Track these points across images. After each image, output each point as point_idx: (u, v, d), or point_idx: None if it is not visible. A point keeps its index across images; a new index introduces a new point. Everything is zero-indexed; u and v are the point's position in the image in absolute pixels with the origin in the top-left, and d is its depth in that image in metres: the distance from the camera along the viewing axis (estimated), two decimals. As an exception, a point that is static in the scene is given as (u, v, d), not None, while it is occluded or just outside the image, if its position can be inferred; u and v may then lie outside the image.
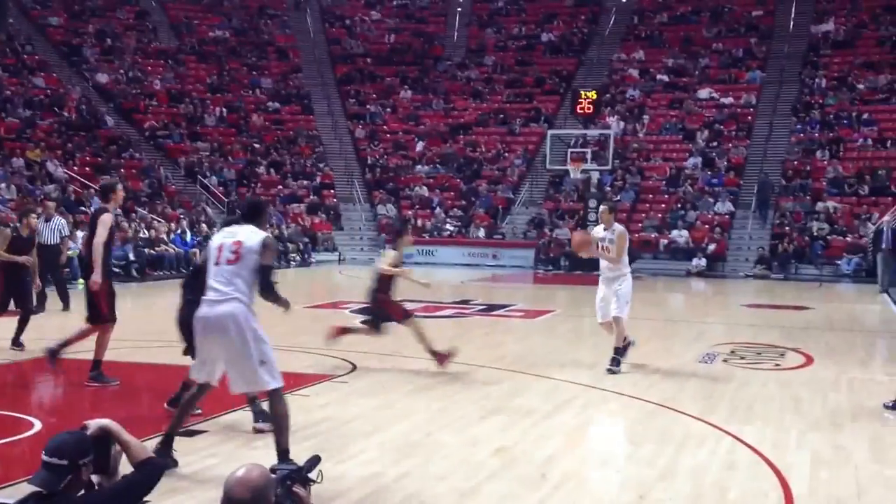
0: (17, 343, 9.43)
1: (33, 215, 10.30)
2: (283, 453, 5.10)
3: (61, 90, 27.55)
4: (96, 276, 7.63)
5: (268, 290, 5.19)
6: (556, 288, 20.54)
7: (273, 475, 2.97)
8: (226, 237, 5.25)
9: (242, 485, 2.74)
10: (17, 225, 9.90)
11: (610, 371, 8.71)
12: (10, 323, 9.93)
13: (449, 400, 7.39)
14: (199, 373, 5.30)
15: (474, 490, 5.15)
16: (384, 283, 8.91)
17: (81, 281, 16.74)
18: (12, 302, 9.74)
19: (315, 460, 3.08)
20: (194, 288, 5.67)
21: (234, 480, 2.76)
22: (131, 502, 3.17)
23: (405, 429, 6.46)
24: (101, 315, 7.81)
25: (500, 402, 7.47)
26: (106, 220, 7.71)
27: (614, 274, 8.93)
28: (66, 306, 12.86)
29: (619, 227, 9.02)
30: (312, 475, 2.97)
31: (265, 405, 5.65)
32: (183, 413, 5.45)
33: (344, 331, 9.35)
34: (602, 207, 9.47)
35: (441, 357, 8.64)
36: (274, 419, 5.24)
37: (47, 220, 12.77)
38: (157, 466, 3.27)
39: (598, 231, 9.12)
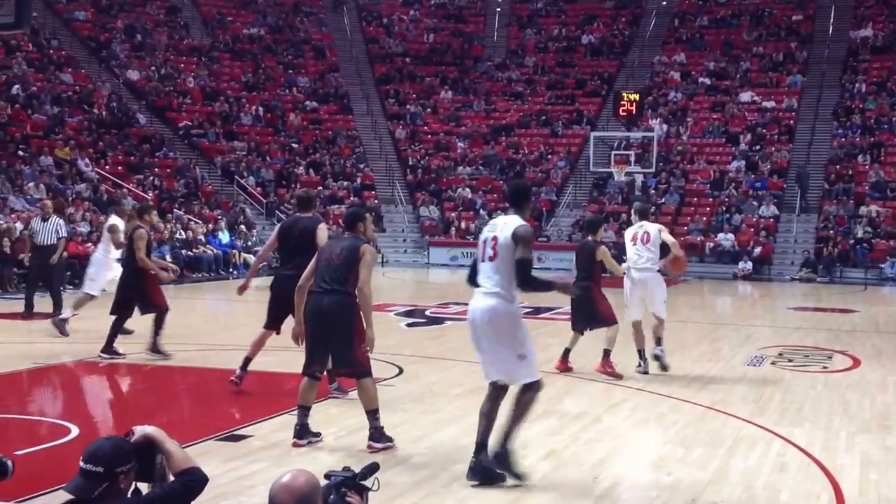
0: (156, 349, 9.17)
1: (154, 212, 10.05)
2: (505, 441, 5.31)
3: (90, 87, 27.11)
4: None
5: (525, 284, 5.28)
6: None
7: (327, 481, 2.91)
8: (488, 231, 5.48)
9: (287, 491, 2.67)
10: (139, 223, 9.39)
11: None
12: (46, 325, 10.06)
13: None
14: (488, 374, 5.43)
15: (525, 494, 5.12)
16: None
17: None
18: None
19: (373, 467, 2.98)
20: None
21: (279, 486, 2.69)
22: None
23: (454, 433, 6.43)
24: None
25: (549, 405, 7.41)
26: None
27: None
28: (57, 310, 11.91)
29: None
30: (368, 483, 2.89)
31: (381, 423, 5.90)
32: (516, 417, 5.39)
33: None
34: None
35: None
36: (517, 408, 5.36)
37: (44, 219, 12.27)
38: (199, 477, 3.12)
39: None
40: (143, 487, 3.21)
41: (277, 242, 7.63)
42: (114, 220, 10.58)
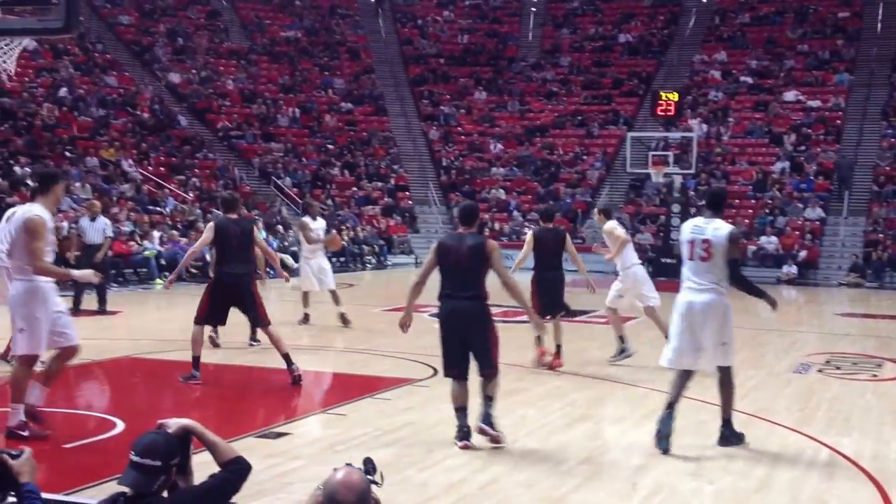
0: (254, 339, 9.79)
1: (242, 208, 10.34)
2: (726, 421, 6.26)
3: (134, 89, 27.70)
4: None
5: (738, 282, 6.21)
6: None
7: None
8: (694, 233, 6.18)
9: (346, 487, 2.72)
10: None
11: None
12: (90, 322, 10.15)
13: (533, 406, 7.25)
14: (681, 360, 6.20)
15: (562, 499, 5.03)
16: None
17: (159, 281, 17.19)
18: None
19: (370, 462, 2.98)
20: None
21: (337, 483, 2.73)
22: (220, 501, 3.14)
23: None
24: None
25: (586, 409, 7.31)
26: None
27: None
28: (102, 307, 12.54)
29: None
30: (375, 478, 2.90)
31: (493, 411, 6.09)
32: (727, 398, 6.30)
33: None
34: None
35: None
36: (725, 388, 6.30)
37: (92, 219, 12.71)
38: (244, 465, 3.22)
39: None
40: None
41: (215, 242, 8.14)
42: (304, 219, 11.77)
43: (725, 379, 6.22)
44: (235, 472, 3.18)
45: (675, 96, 26.11)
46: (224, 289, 7.95)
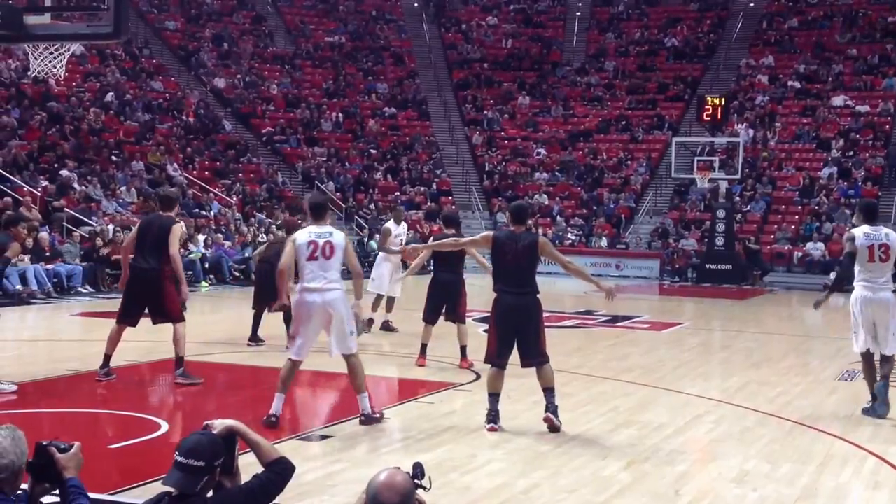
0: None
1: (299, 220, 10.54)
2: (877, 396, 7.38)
3: (179, 94, 27.97)
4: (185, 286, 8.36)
5: None
6: (683, 300, 19.99)
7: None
8: (871, 239, 7.41)
9: (390, 489, 2.71)
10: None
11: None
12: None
13: (577, 412, 7.25)
14: (867, 345, 7.45)
15: (606, 504, 5.03)
16: None
17: (205, 284, 17.48)
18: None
19: (420, 466, 2.99)
20: None
21: (380, 485, 2.72)
22: (263, 502, 3.15)
23: (532, 440, 6.38)
24: (176, 314, 8.31)
25: (629, 415, 7.29)
26: (178, 230, 8.17)
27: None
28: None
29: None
30: (424, 482, 2.90)
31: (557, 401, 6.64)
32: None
33: None
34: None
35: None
36: (885, 367, 7.39)
37: None
38: (288, 466, 3.23)
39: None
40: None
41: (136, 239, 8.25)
42: (387, 224, 11.98)
43: (890, 365, 7.44)
44: (279, 472, 3.18)
45: (721, 101, 25.83)
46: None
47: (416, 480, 2.87)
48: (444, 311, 9.32)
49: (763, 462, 5.97)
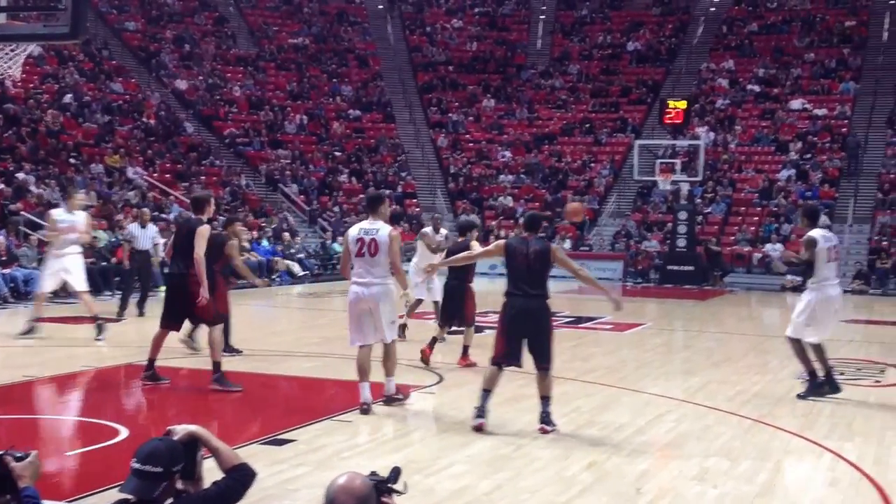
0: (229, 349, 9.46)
1: (239, 223, 10.30)
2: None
3: (139, 96, 27.57)
4: (205, 290, 7.84)
5: None
6: (646, 301, 20.18)
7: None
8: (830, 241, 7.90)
9: (347, 492, 2.68)
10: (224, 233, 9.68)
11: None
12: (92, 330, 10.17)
13: (539, 413, 7.28)
14: None
15: (568, 504, 5.07)
16: None
17: (163, 288, 17.28)
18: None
19: (397, 471, 3.00)
20: None
21: (338, 488, 2.69)
22: None
23: (495, 442, 6.39)
24: (210, 317, 8.08)
25: (591, 415, 7.35)
26: (204, 232, 7.90)
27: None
28: (141, 312, 13.04)
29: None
30: (398, 487, 2.89)
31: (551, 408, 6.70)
32: None
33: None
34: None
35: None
36: None
37: (143, 226, 13.25)
38: (250, 472, 3.19)
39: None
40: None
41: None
42: (426, 229, 12.06)
43: None
44: (238, 478, 3.15)
45: (682, 104, 26.15)
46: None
47: (389, 485, 2.86)
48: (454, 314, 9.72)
49: (723, 459, 6.05)
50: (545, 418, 6.62)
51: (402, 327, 10.79)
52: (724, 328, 15.13)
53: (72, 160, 22.31)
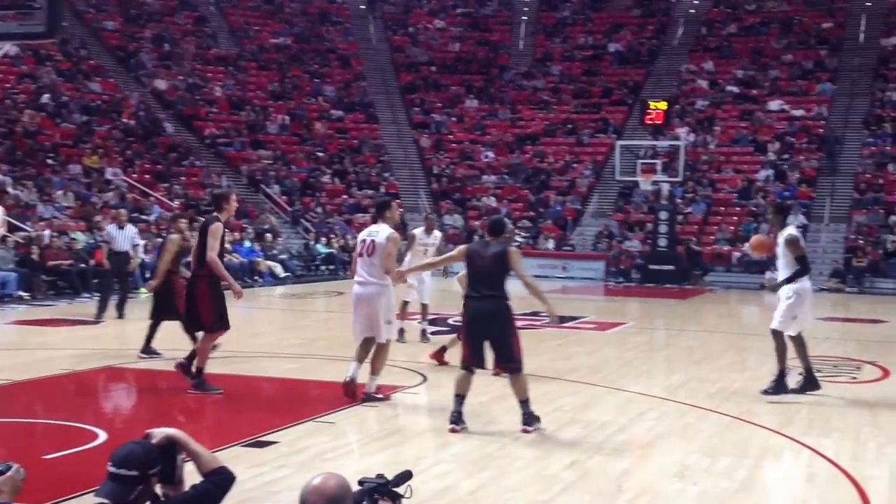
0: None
1: (183, 220, 10.05)
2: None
3: (118, 96, 27.28)
4: (236, 286, 7.95)
5: None
6: (628, 300, 20.32)
7: (360, 486, 2.92)
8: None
9: (318, 493, 2.68)
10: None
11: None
12: (71, 332, 10.12)
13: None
14: None
15: (549, 503, 5.10)
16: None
17: (144, 289, 17.16)
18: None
19: (406, 475, 2.98)
20: None
21: (310, 489, 2.70)
22: None
23: (478, 441, 6.42)
24: (208, 323, 7.84)
25: (573, 414, 7.39)
26: (215, 231, 7.74)
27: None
28: (121, 314, 12.85)
29: (788, 231, 8.50)
30: (401, 490, 2.90)
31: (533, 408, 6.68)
32: None
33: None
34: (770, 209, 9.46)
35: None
36: None
37: (120, 227, 13.04)
38: (228, 476, 3.16)
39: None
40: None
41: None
42: (415, 231, 11.63)
43: None
44: (216, 482, 3.12)
45: (663, 105, 26.31)
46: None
47: (393, 488, 2.86)
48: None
49: (703, 457, 6.12)
50: (526, 419, 6.65)
51: (401, 331, 10.84)
52: (704, 326, 15.25)
53: (49, 161, 22.11)
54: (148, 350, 9.52)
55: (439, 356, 9.39)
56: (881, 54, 30.37)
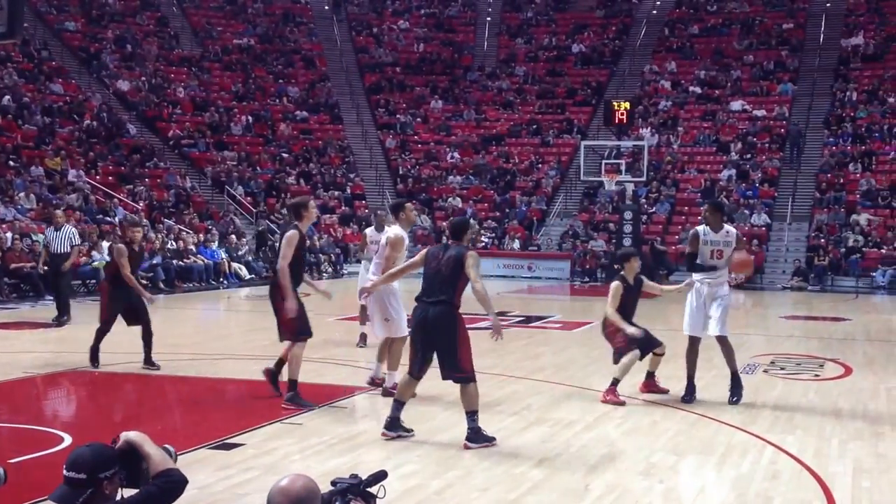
0: (150, 362, 8.93)
1: (137, 228, 9.57)
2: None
3: (80, 97, 27.01)
4: (290, 302, 7.26)
5: None
6: (594, 299, 20.35)
7: (332, 487, 2.91)
8: None
9: (284, 494, 2.66)
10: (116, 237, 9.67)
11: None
12: (35, 335, 9.95)
13: (489, 411, 7.32)
14: None
15: (517, 502, 5.12)
16: None
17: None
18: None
19: (380, 475, 2.96)
20: None
21: (276, 490, 2.69)
22: None
23: (445, 440, 6.43)
24: (293, 332, 7.45)
25: (540, 413, 7.42)
26: (291, 239, 7.31)
27: (718, 282, 8.19)
28: (64, 315, 12.50)
29: (732, 229, 8.29)
30: (374, 490, 2.88)
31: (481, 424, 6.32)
32: None
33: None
34: (705, 207, 8.62)
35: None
36: None
37: (57, 228, 12.89)
38: (174, 478, 3.09)
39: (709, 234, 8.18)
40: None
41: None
42: (367, 230, 11.48)
43: None
44: (161, 485, 3.04)
45: (626, 106, 26.52)
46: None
47: (366, 488, 2.84)
48: None
49: (669, 454, 6.17)
50: (471, 435, 6.20)
51: (361, 336, 10.66)
52: (670, 325, 15.32)
53: (11, 163, 21.77)
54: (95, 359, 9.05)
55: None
56: (841, 54, 30.94)
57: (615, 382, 7.82)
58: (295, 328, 7.41)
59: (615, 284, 8.12)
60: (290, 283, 7.29)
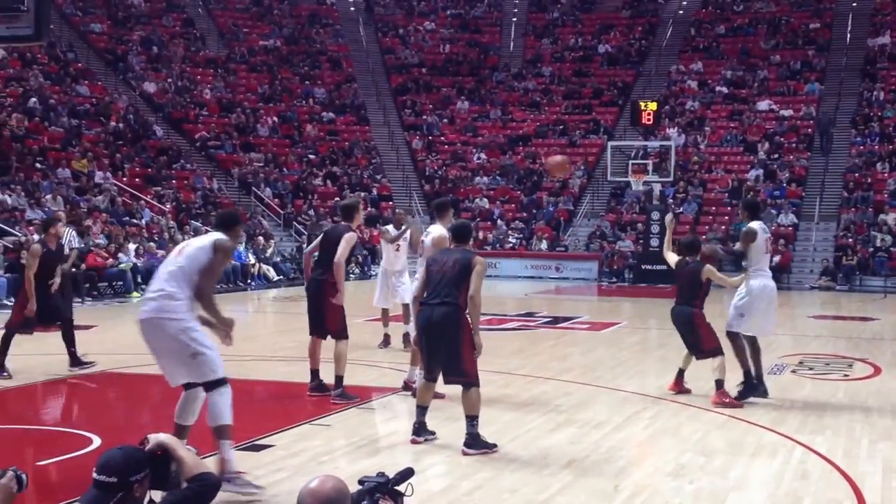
0: (77, 362, 9.00)
1: (59, 224, 9.62)
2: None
3: (107, 99, 27.20)
4: (342, 296, 7.60)
5: None
6: (621, 300, 20.41)
7: (360, 486, 2.93)
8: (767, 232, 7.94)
9: (314, 496, 2.67)
10: (42, 237, 9.41)
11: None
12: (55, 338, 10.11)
13: (518, 412, 7.35)
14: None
15: (546, 503, 5.12)
16: None
17: (136, 294, 17.04)
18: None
19: (407, 473, 2.98)
20: None
21: (306, 492, 2.70)
22: None
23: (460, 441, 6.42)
24: (334, 330, 7.72)
25: (569, 414, 7.42)
26: (350, 239, 7.61)
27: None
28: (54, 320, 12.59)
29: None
30: (402, 488, 2.90)
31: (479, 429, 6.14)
32: None
33: None
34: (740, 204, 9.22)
35: None
36: None
37: None
38: (210, 482, 3.14)
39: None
40: (157, 495, 3.21)
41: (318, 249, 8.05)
42: (387, 227, 11.19)
43: None
44: (195, 488, 3.08)
45: (653, 106, 26.41)
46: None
47: (394, 486, 2.86)
48: None
49: (698, 455, 6.15)
50: (469, 441, 6.06)
51: (384, 337, 10.82)
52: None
53: (38, 165, 22.02)
54: (77, 363, 9.10)
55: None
56: (868, 54, 30.61)
57: (721, 384, 7.81)
58: (342, 327, 7.67)
59: (708, 268, 8.56)
60: (343, 280, 7.69)
